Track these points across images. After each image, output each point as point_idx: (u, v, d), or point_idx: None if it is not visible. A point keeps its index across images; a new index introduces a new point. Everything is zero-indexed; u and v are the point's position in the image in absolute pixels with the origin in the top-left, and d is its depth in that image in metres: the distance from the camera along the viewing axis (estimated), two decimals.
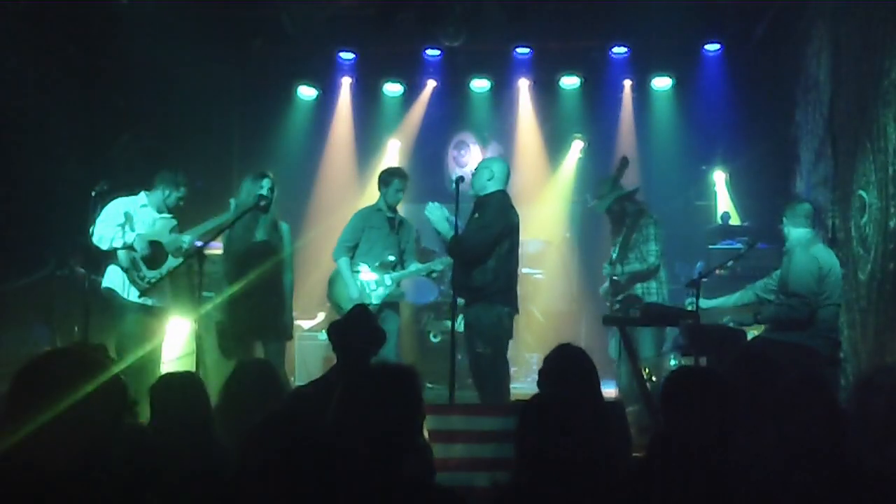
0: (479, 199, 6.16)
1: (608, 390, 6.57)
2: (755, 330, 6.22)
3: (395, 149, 10.06)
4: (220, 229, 6.19)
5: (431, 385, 7.60)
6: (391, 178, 6.86)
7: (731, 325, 6.06)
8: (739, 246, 7.26)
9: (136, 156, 7.98)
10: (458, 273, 6.04)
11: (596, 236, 8.68)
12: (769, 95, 8.50)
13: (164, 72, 8.08)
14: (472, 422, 4.21)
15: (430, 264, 6.96)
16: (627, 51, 9.23)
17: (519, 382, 8.00)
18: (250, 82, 9.60)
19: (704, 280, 6.18)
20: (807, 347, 5.67)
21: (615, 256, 6.92)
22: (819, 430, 2.97)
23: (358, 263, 6.77)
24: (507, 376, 6.15)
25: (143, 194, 6.41)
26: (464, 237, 5.99)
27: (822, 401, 3.09)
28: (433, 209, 6.12)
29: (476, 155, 10.07)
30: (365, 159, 9.96)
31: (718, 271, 6.84)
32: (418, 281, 7.78)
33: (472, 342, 6.00)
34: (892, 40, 5.05)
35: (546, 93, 9.80)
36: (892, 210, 4.97)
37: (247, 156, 9.34)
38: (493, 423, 4.12)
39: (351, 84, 9.90)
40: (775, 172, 8.31)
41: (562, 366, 4.02)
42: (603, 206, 7.04)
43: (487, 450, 4.01)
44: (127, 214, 6.25)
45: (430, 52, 9.42)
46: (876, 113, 5.22)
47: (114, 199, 6.30)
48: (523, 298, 8.32)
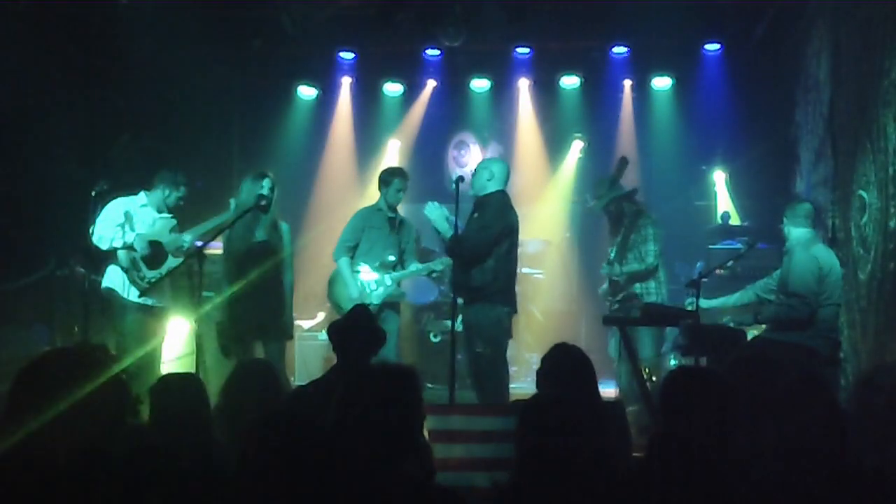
0: (479, 200, 6.16)
1: (608, 390, 6.58)
2: (755, 330, 6.23)
3: (395, 149, 10.05)
4: (220, 229, 6.19)
5: (431, 385, 7.60)
6: (392, 178, 6.85)
7: (731, 325, 6.06)
8: (739, 246, 7.26)
9: (136, 156, 7.97)
10: (457, 273, 6.05)
11: (596, 236, 8.67)
12: (769, 95, 8.50)
13: (164, 72, 8.08)
14: (471, 422, 4.20)
15: (430, 264, 6.96)
16: (627, 51, 9.22)
17: (519, 382, 8.00)
18: (250, 82, 9.59)
19: (704, 280, 6.18)
20: (807, 347, 5.67)
21: (612, 256, 6.93)
22: (819, 430, 2.97)
23: (358, 263, 6.77)
24: (506, 376, 6.16)
25: (142, 194, 6.41)
26: (463, 237, 5.99)
27: (822, 401, 3.09)
28: (433, 208, 6.12)
29: (476, 155, 10.06)
30: (365, 159, 9.96)
31: (718, 271, 6.84)
32: (418, 281, 7.78)
33: (472, 342, 6.01)
34: (892, 40, 5.05)
35: (546, 93, 9.79)
36: (892, 210, 4.98)
37: (247, 156, 9.34)
38: (492, 423, 4.12)
39: (351, 84, 9.89)
40: (775, 172, 8.31)
41: (559, 365, 4.02)
42: (599, 205, 7.05)
43: (487, 450, 4.00)
44: (127, 214, 6.25)
45: (430, 52, 9.41)
46: (876, 113, 5.22)
47: (114, 199, 6.31)
48: (523, 298, 8.34)
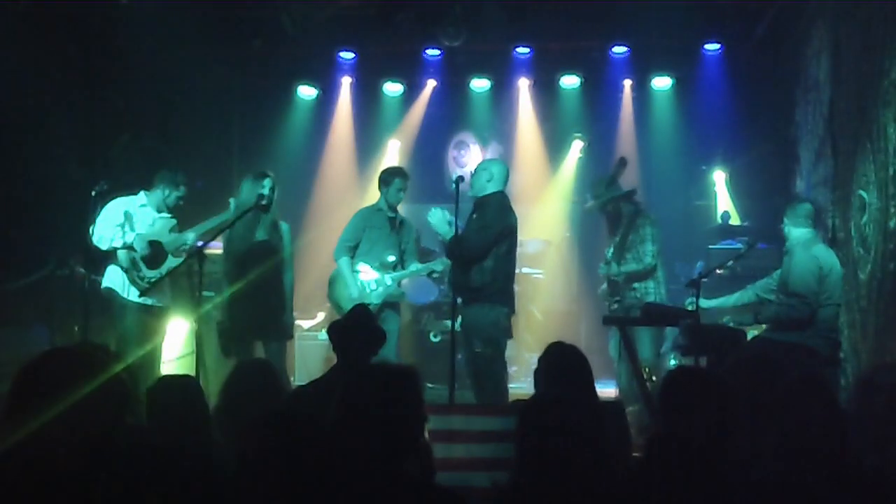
0: (478, 201, 6.17)
1: (608, 390, 6.58)
2: (755, 330, 6.22)
3: (395, 149, 10.05)
4: (220, 229, 6.19)
5: (431, 385, 7.60)
6: (392, 178, 6.85)
7: (731, 325, 6.06)
8: (739, 246, 7.26)
9: (136, 156, 7.98)
10: (456, 273, 6.05)
11: (596, 236, 8.67)
12: (769, 95, 8.50)
13: (164, 72, 8.08)
14: (471, 422, 4.20)
15: (430, 264, 6.96)
16: (627, 51, 9.21)
17: (519, 382, 8.01)
18: (250, 82, 9.59)
19: (704, 280, 6.18)
20: (807, 347, 5.67)
21: (609, 256, 6.94)
22: (819, 430, 2.97)
23: (358, 263, 6.77)
24: (505, 376, 6.16)
25: (142, 194, 6.41)
26: (463, 238, 6.00)
27: (822, 401, 3.09)
28: (435, 214, 6.13)
29: (476, 155, 10.07)
30: (365, 159, 9.96)
31: (718, 271, 6.83)
32: (418, 281, 7.77)
33: (470, 342, 6.02)
34: (892, 40, 5.04)
35: (546, 93, 9.79)
36: (892, 210, 4.97)
37: (247, 156, 9.34)
38: (492, 423, 4.11)
39: (351, 84, 9.89)
40: (775, 172, 8.31)
41: (556, 364, 4.03)
42: (597, 205, 7.06)
43: (487, 450, 3.99)
44: (126, 214, 6.26)
45: (430, 52, 9.40)
46: (876, 113, 5.22)
47: (114, 199, 6.31)
48: (524, 298, 8.35)
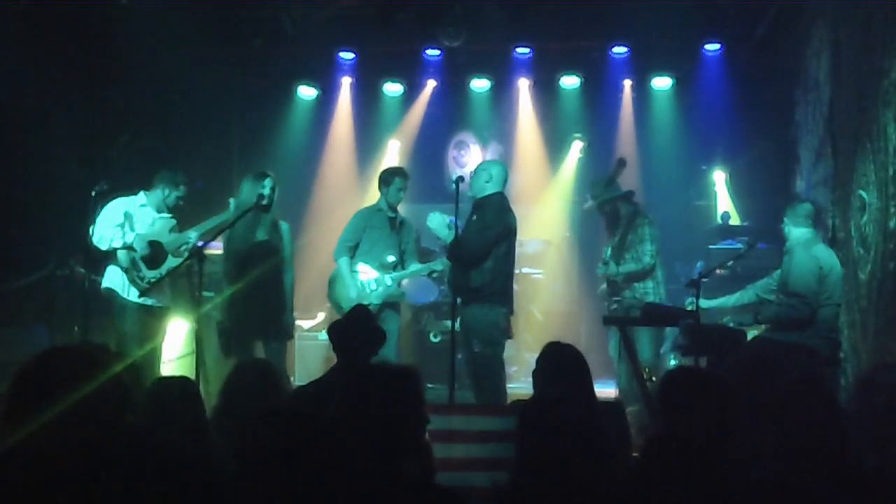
0: (478, 202, 6.18)
1: (608, 390, 6.58)
2: (755, 330, 6.22)
3: (395, 149, 10.05)
4: (220, 229, 6.19)
5: (431, 385, 7.59)
6: (392, 178, 6.85)
7: (731, 325, 6.06)
8: (739, 246, 7.26)
9: (136, 156, 7.98)
10: (456, 274, 6.06)
11: (596, 236, 8.66)
12: (769, 95, 8.49)
13: (164, 72, 8.08)
14: (471, 422, 4.20)
15: (430, 264, 6.95)
16: (627, 51, 9.21)
17: (519, 382, 8.00)
18: (250, 82, 9.58)
19: (704, 280, 6.17)
20: (807, 347, 5.67)
21: (607, 256, 6.94)
22: (819, 430, 2.97)
23: (358, 263, 6.77)
24: (503, 376, 6.16)
25: (142, 194, 6.41)
26: (463, 239, 6.00)
27: (822, 401, 3.09)
28: (434, 218, 6.15)
29: (476, 155, 10.07)
30: (365, 159, 9.95)
31: (718, 271, 6.83)
32: (418, 281, 7.77)
33: (469, 342, 6.02)
34: (892, 40, 5.04)
35: (546, 93, 9.78)
36: (892, 210, 4.97)
37: (247, 156, 9.33)
38: (492, 423, 4.11)
39: (351, 84, 9.89)
40: (775, 172, 8.30)
41: (554, 364, 4.03)
42: (594, 205, 7.06)
43: (487, 450, 3.99)
44: (126, 214, 6.25)
45: (430, 52, 9.39)
46: (876, 113, 5.22)
47: (114, 199, 6.30)
48: (524, 298, 8.35)
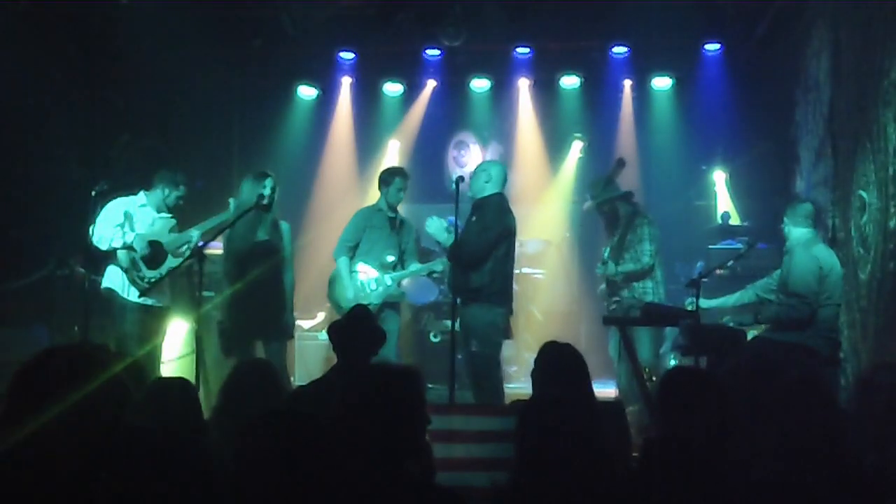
0: (477, 202, 6.18)
1: (608, 390, 6.59)
2: (755, 330, 6.22)
3: (395, 149, 10.05)
4: (220, 229, 6.20)
5: (431, 385, 7.60)
6: (392, 178, 6.85)
7: (731, 325, 6.06)
8: (739, 246, 7.26)
9: (136, 156, 7.98)
10: (455, 274, 6.06)
11: (596, 236, 8.66)
12: (769, 95, 8.50)
13: (164, 72, 8.08)
14: (471, 422, 4.20)
15: (430, 264, 6.96)
16: (627, 51, 9.21)
17: (518, 382, 8.01)
18: (250, 82, 9.58)
19: (704, 280, 6.17)
20: (807, 347, 5.66)
21: (606, 256, 6.94)
22: (819, 430, 2.97)
23: (358, 263, 6.77)
24: (500, 375, 6.16)
25: (142, 194, 6.41)
26: (463, 241, 6.01)
27: (822, 401, 3.09)
28: (432, 223, 6.16)
29: (476, 155, 10.07)
30: (365, 159, 9.95)
31: (718, 271, 6.83)
32: (418, 281, 7.78)
33: (468, 342, 6.03)
34: (892, 40, 5.05)
35: (546, 93, 9.78)
36: (892, 210, 4.98)
37: (247, 156, 9.34)
38: (492, 423, 4.11)
39: (351, 84, 9.88)
40: (775, 172, 8.31)
41: (552, 364, 4.03)
42: (593, 205, 7.06)
43: (487, 450, 4.00)
44: (126, 214, 6.25)
45: (430, 52, 9.39)
46: (876, 113, 5.22)
47: (114, 199, 6.31)
48: (524, 298, 8.34)
